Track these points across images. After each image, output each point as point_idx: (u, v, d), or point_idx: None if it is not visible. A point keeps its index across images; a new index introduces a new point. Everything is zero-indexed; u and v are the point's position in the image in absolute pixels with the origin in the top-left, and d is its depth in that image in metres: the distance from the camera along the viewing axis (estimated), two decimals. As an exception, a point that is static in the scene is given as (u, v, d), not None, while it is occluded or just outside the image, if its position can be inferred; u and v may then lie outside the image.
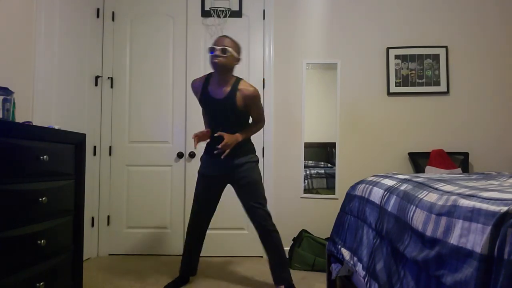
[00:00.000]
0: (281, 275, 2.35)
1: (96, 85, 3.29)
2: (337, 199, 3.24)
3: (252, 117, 2.40)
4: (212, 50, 2.20)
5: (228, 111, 2.27)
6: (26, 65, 2.42)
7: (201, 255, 3.25)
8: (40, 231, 1.69)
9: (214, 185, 2.41)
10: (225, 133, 2.22)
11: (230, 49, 2.18)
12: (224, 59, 2.18)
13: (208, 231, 3.30)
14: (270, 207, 2.77)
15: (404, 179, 1.73)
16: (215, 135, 2.25)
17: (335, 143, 3.31)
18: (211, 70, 3.31)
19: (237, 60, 2.27)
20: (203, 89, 2.32)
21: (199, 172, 2.44)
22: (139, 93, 3.37)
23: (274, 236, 2.35)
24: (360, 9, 3.34)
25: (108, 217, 3.32)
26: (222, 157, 2.22)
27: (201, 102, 2.35)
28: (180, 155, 3.32)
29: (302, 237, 3.04)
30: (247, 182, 2.32)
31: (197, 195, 2.44)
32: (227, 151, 2.21)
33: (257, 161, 2.41)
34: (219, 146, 2.18)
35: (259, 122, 2.43)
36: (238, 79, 2.30)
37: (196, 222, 2.45)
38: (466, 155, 3.18)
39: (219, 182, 2.41)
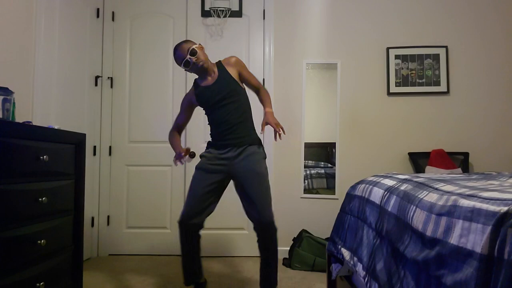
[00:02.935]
0: (276, 277, 2.23)
1: (96, 85, 3.29)
2: (337, 199, 3.24)
3: (252, 84, 2.28)
4: (187, 63, 2.11)
5: (229, 89, 2.16)
6: (26, 65, 2.42)
7: (201, 255, 3.27)
8: (40, 231, 1.69)
9: (217, 180, 2.20)
10: (267, 114, 2.13)
11: (194, 46, 2.13)
12: (202, 58, 2.13)
13: (208, 231, 3.31)
14: (270, 207, 2.77)
15: (404, 179, 1.73)
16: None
17: (335, 143, 3.31)
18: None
19: (202, 48, 2.21)
20: (195, 90, 2.25)
21: (197, 167, 2.24)
22: (139, 93, 3.37)
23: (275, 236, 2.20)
24: (360, 9, 3.34)
25: (108, 217, 3.32)
26: (279, 137, 2.10)
27: (199, 99, 2.22)
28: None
29: (302, 237, 3.04)
30: (255, 174, 2.15)
31: (195, 191, 2.17)
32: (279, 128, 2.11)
33: (265, 156, 2.27)
34: (277, 129, 2.07)
35: (262, 87, 2.32)
36: (218, 61, 2.27)
37: (192, 222, 2.16)
38: (466, 155, 3.18)
39: (223, 178, 2.21)
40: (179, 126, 2.39)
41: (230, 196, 2.75)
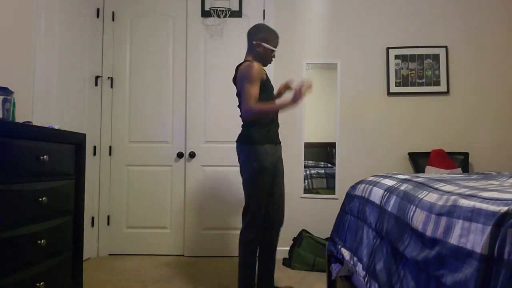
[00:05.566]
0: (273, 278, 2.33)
1: (96, 85, 3.29)
2: (337, 199, 3.24)
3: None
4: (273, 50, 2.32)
5: None
6: (26, 65, 2.42)
7: (201, 255, 3.28)
8: (40, 231, 1.69)
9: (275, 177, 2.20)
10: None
11: None
12: None
13: (207, 231, 3.32)
14: (270, 207, 2.77)
15: (404, 179, 1.73)
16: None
17: (335, 143, 3.31)
18: (211, 71, 3.34)
19: None
20: (265, 75, 2.26)
21: (265, 167, 2.09)
22: (139, 93, 3.37)
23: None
24: (360, 9, 3.34)
25: (108, 217, 3.32)
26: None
27: (267, 84, 2.26)
28: (180, 155, 3.32)
29: (302, 237, 3.04)
30: (283, 171, 2.30)
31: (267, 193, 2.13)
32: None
33: None
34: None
35: None
36: None
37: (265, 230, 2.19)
38: (466, 155, 3.18)
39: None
40: (257, 99, 2.11)
41: (230, 196, 2.75)
